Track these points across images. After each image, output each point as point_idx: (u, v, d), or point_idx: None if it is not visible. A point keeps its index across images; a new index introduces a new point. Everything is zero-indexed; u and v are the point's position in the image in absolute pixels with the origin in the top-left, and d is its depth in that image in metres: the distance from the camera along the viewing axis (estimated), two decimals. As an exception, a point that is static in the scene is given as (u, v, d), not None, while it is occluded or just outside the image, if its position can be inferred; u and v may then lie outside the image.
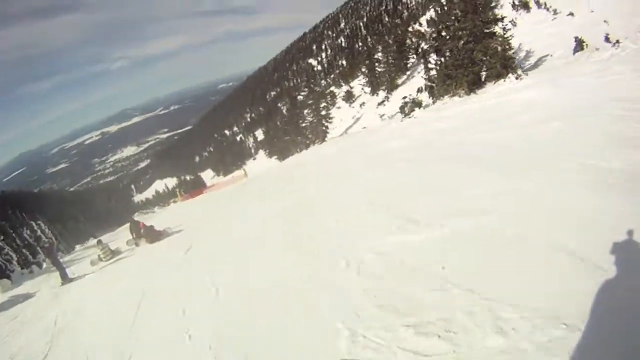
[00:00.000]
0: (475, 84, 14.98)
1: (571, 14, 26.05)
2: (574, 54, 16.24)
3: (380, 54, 43.20)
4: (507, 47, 14.44)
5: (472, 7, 14.46)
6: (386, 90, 39.42)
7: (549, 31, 24.19)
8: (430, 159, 7.76)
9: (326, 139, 30.83)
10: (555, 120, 6.90)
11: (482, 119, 9.78)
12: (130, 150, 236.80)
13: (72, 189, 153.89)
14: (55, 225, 39.58)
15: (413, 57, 42.72)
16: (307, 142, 32.54)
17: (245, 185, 20.15)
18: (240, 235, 7.63)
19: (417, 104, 17.30)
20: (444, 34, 16.45)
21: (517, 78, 13.39)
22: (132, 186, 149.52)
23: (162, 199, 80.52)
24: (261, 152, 53.17)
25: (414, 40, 44.60)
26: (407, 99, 19.72)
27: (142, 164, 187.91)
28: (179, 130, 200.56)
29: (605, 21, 20.09)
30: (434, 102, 17.61)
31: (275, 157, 35.01)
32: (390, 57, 40.40)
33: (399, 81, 40.11)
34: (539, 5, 31.74)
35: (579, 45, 16.68)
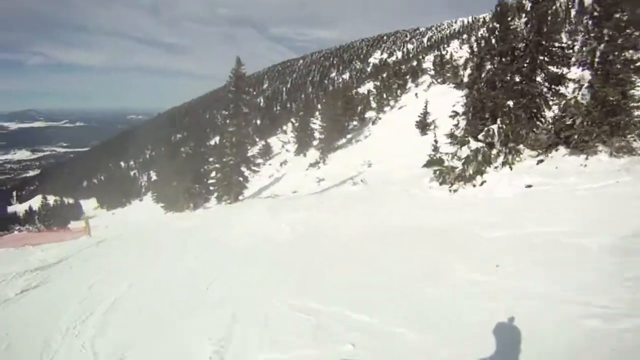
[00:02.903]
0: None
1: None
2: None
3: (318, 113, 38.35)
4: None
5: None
6: (320, 152, 33.31)
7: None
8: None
9: (241, 197, 22.44)
10: None
11: None
12: (23, 154, 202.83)
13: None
14: None
15: (355, 121, 38.34)
16: (209, 197, 24.25)
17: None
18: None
19: (486, 159, 9.69)
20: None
21: None
22: (14, 193, 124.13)
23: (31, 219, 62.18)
24: (149, 195, 42.92)
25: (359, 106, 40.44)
26: (458, 145, 10.84)
27: (31, 172, 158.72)
28: (77, 149, 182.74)
29: None
30: (510, 159, 9.85)
31: (162, 205, 25.90)
32: (330, 119, 34.96)
33: (338, 143, 34.54)
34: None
35: None
